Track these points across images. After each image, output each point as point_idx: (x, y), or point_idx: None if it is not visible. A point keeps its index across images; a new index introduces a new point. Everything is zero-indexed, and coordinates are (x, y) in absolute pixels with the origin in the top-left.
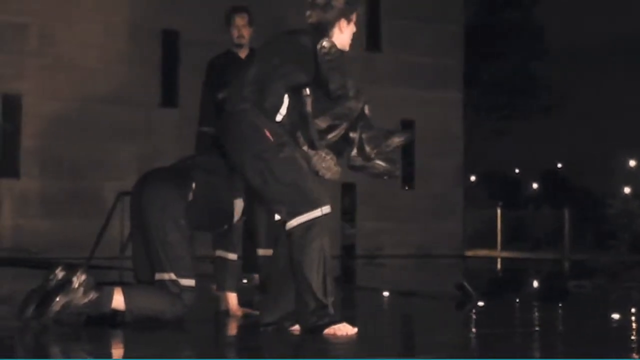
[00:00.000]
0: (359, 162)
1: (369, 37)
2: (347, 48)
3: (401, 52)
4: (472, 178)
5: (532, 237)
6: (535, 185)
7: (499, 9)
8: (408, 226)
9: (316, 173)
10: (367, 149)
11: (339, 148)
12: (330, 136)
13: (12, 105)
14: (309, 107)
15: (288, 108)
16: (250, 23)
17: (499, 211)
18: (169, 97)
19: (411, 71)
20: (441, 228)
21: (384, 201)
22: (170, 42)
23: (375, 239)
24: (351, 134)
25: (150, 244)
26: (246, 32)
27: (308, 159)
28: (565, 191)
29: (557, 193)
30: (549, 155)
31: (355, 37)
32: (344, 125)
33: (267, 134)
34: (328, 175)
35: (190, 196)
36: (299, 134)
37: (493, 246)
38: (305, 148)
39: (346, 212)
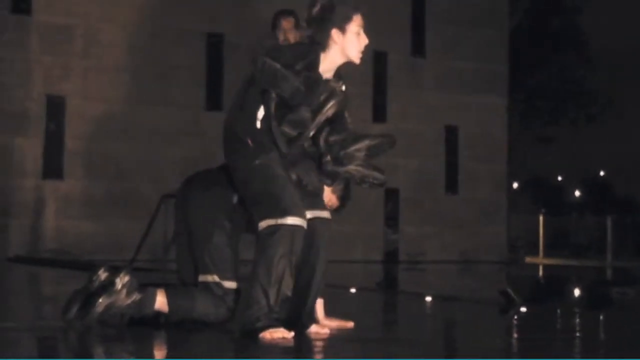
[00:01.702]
0: (329, 166)
1: (414, 42)
2: (354, 59)
3: (446, 57)
4: (515, 185)
5: (574, 244)
6: (578, 193)
7: (545, 15)
8: (451, 232)
9: (299, 182)
10: (334, 152)
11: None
12: (298, 142)
13: (57, 106)
14: (272, 109)
15: (265, 112)
16: (297, 26)
17: (541, 218)
18: (214, 100)
19: (455, 77)
20: (485, 234)
21: (427, 206)
22: (215, 44)
23: (418, 245)
24: (320, 138)
25: (194, 246)
26: (292, 36)
27: (289, 167)
28: (608, 199)
29: (600, 200)
30: (592, 162)
31: (400, 43)
32: (307, 132)
33: (249, 141)
34: (310, 187)
35: (235, 198)
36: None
37: (536, 253)
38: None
39: (389, 218)
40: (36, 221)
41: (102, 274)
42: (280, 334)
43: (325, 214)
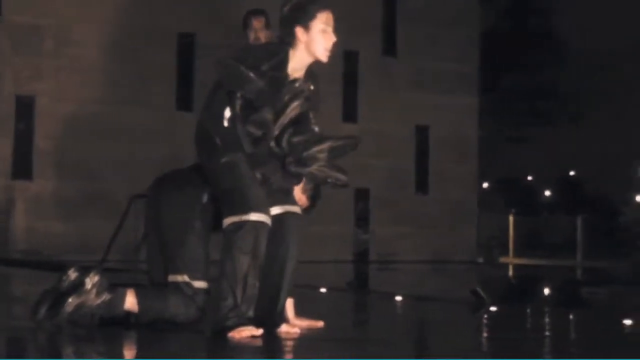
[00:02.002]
0: (292, 167)
1: (385, 42)
2: (320, 57)
3: (417, 57)
4: (485, 185)
5: (546, 244)
6: (548, 192)
7: (520, 15)
8: (422, 232)
9: (265, 181)
10: (297, 152)
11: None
12: (263, 142)
13: (26, 106)
14: (237, 109)
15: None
16: (267, 26)
17: (511, 218)
18: (185, 100)
19: (427, 77)
20: (456, 234)
21: (398, 206)
22: (185, 44)
23: (389, 245)
24: (283, 139)
25: (165, 246)
26: (262, 35)
27: (256, 166)
28: (579, 199)
29: (571, 200)
30: (563, 162)
31: (371, 43)
32: (270, 133)
33: (217, 140)
34: (276, 187)
35: (206, 198)
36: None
37: (506, 253)
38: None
39: (360, 218)
40: (6, 222)
41: (72, 274)
42: (248, 333)
43: (296, 209)
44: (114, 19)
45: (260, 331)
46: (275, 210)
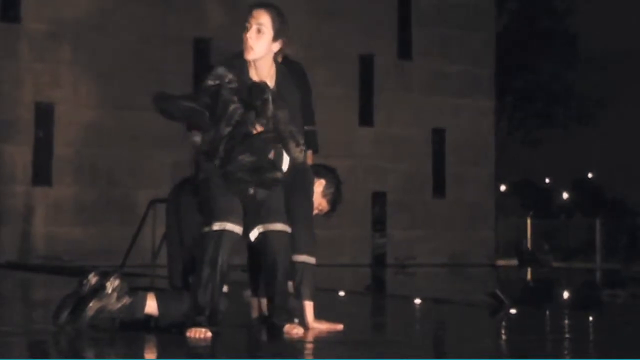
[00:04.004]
0: (229, 174)
1: (401, 45)
2: (246, 54)
3: (433, 60)
4: (502, 187)
5: (564, 246)
6: (566, 195)
7: (534, 17)
8: (439, 235)
9: (237, 193)
10: (229, 159)
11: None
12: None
13: (46, 113)
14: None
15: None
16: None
17: (529, 221)
18: None
19: (443, 79)
20: (473, 237)
21: (415, 210)
22: (202, 49)
23: (407, 248)
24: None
25: (185, 250)
26: None
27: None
28: (597, 201)
29: (589, 203)
30: (581, 164)
31: (387, 46)
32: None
33: (198, 157)
34: (240, 197)
35: None
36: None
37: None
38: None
39: (377, 221)
40: (26, 227)
41: (93, 278)
42: (201, 333)
43: (276, 227)
44: (131, 25)
45: (209, 334)
46: (259, 229)
